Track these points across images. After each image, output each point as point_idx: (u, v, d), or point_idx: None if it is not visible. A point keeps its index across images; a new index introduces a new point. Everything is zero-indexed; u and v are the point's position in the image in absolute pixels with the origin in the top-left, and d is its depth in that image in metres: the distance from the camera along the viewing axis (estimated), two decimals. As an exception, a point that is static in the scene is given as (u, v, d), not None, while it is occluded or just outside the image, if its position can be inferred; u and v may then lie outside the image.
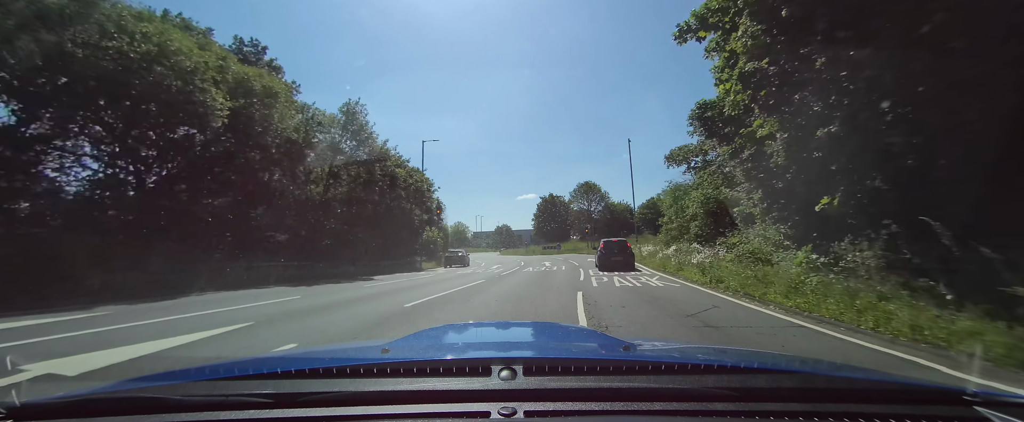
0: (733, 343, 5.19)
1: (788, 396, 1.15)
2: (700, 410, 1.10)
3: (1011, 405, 1.09)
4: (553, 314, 7.63)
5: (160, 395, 1.16)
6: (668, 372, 1.23)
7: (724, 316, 6.98)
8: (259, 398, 1.12)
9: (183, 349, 5.24)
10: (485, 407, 1.07)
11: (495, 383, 1.18)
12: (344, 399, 1.14)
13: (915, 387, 1.33)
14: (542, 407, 1.09)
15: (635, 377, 1.22)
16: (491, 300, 10.06)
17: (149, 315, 8.02)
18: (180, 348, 5.28)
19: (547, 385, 1.17)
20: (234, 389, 1.18)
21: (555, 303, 9.07)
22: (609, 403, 1.12)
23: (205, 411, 1.09)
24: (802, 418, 1.06)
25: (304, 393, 1.15)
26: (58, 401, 1.13)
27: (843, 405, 1.11)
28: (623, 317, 7.02)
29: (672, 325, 6.35)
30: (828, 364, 1.72)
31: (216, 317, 7.70)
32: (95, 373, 4.13)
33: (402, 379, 1.25)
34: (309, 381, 1.26)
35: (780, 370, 1.39)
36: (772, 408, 1.09)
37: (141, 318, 7.63)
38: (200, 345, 5.45)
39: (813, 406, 1.09)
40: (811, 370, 1.48)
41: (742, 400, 1.13)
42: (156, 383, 1.34)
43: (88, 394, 1.20)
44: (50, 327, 6.76)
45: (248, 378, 1.27)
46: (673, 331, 5.99)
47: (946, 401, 1.16)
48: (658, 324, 6.49)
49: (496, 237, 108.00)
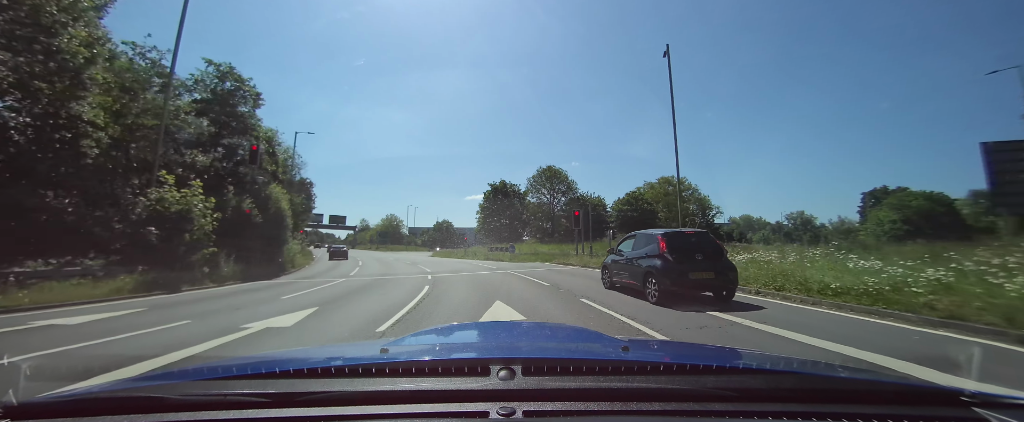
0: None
1: (787, 397, 1.15)
2: (699, 410, 1.09)
3: (1009, 406, 1.09)
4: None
5: (159, 394, 1.14)
6: (667, 372, 1.23)
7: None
8: (257, 398, 1.11)
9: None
10: (484, 407, 1.06)
11: (494, 383, 1.16)
12: (342, 399, 1.12)
13: (913, 388, 1.33)
14: (541, 407, 1.08)
15: (634, 377, 1.21)
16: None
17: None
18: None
19: (546, 385, 1.16)
20: (233, 389, 1.16)
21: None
22: (608, 403, 1.11)
23: (203, 410, 1.08)
24: (801, 419, 1.04)
25: (302, 393, 1.13)
26: (56, 400, 1.13)
27: (842, 406, 1.11)
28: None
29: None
30: (826, 365, 1.60)
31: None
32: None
33: (400, 379, 1.24)
34: (307, 381, 1.23)
35: (779, 371, 1.40)
36: (771, 409, 1.09)
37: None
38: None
39: (812, 407, 1.09)
40: (810, 371, 1.43)
41: (741, 400, 1.13)
42: (155, 382, 1.34)
43: (86, 393, 1.18)
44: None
45: (247, 378, 1.24)
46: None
47: (944, 402, 1.16)
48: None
49: (435, 234, 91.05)
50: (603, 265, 11.80)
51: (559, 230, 58.45)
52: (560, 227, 58.61)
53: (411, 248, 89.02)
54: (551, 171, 60.22)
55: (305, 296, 10.84)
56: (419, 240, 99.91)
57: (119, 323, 6.98)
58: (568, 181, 60.19)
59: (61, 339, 5.65)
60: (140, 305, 9.37)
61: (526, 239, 57.21)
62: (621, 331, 5.83)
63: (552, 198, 60.95)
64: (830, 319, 6.49)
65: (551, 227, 59.23)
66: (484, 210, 64.80)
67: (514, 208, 63.42)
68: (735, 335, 5.49)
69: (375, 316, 7.30)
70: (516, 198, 64.65)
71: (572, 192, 59.94)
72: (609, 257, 11.58)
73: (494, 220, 63.72)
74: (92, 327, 6.63)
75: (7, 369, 2.43)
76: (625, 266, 10.00)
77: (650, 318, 6.58)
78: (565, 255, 32.66)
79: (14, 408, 1.06)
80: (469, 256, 43.20)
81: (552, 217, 59.37)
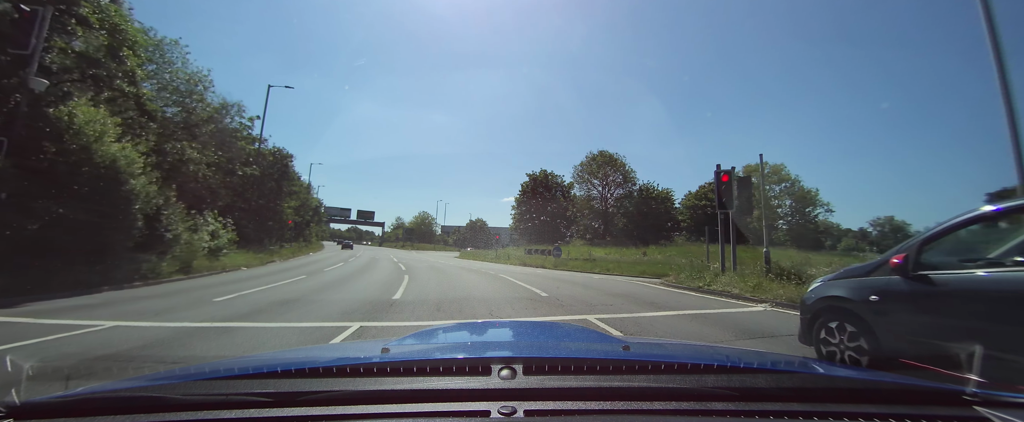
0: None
1: (788, 396, 1.14)
2: (700, 410, 1.09)
3: (1011, 405, 1.09)
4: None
5: (160, 394, 1.14)
6: (668, 371, 1.22)
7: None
8: (259, 397, 1.10)
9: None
10: (485, 406, 1.07)
11: (495, 382, 1.16)
12: (344, 398, 1.11)
13: (915, 387, 1.30)
14: (542, 406, 1.07)
15: (635, 376, 1.21)
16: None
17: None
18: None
19: (547, 384, 1.15)
20: (234, 388, 1.15)
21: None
22: (609, 402, 1.11)
23: (205, 410, 1.07)
24: (802, 418, 1.05)
25: (304, 392, 1.12)
26: (58, 400, 1.12)
27: (843, 405, 1.10)
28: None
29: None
30: (827, 364, 1.70)
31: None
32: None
33: (402, 378, 1.22)
34: (309, 380, 1.22)
35: (780, 370, 1.35)
36: (772, 408, 1.09)
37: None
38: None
39: (813, 406, 1.09)
40: (811, 370, 1.43)
41: (742, 400, 1.13)
42: (157, 382, 1.30)
43: (88, 393, 1.17)
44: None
45: (248, 377, 1.23)
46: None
47: (946, 401, 1.15)
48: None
49: (467, 233, 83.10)
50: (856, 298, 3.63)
51: (614, 230, 47.22)
52: (615, 226, 47.37)
53: (438, 247, 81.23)
54: (604, 157, 48.82)
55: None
56: (450, 239, 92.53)
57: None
58: (624, 169, 48.56)
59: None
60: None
61: (569, 240, 46.58)
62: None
63: (604, 190, 49.67)
64: None
65: (602, 226, 48.08)
66: (520, 205, 54.58)
67: (557, 203, 52.78)
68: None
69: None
70: (559, 191, 53.96)
71: (630, 183, 48.42)
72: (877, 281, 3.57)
73: (532, 217, 53.40)
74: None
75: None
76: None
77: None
78: (648, 265, 21.70)
79: (17, 408, 1.06)
80: (501, 259, 33.19)
81: (605, 215, 48.20)
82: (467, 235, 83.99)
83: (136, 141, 11.92)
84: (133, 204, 10.82)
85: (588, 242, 43.50)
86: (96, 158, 9.90)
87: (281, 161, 29.53)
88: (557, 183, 54.42)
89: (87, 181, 9.84)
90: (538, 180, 54.32)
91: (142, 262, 11.83)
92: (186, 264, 13.89)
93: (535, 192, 53.66)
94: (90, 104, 10.41)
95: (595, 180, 49.18)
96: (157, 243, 13.21)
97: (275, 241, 31.53)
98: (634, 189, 47.73)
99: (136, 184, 10.80)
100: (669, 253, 28.39)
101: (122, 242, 10.66)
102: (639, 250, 31.88)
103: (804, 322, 4.20)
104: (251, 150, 25.54)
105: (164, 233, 13.38)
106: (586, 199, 49.91)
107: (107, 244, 10.14)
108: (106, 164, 10.02)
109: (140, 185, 11.00)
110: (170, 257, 13.38)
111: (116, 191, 10.10)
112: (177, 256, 13.80)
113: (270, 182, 28.45)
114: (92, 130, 9.85)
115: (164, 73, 14.31)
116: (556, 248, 27.33)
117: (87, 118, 9.82)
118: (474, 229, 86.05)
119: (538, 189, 53.89)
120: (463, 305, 8.08)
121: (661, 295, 9.67)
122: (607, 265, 22.77)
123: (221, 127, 23.81)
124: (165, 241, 13.49)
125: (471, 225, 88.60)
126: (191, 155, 14.48)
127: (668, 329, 6.12)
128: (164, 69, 14.48)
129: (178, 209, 14.42)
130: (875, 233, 73.91)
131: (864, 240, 66.33)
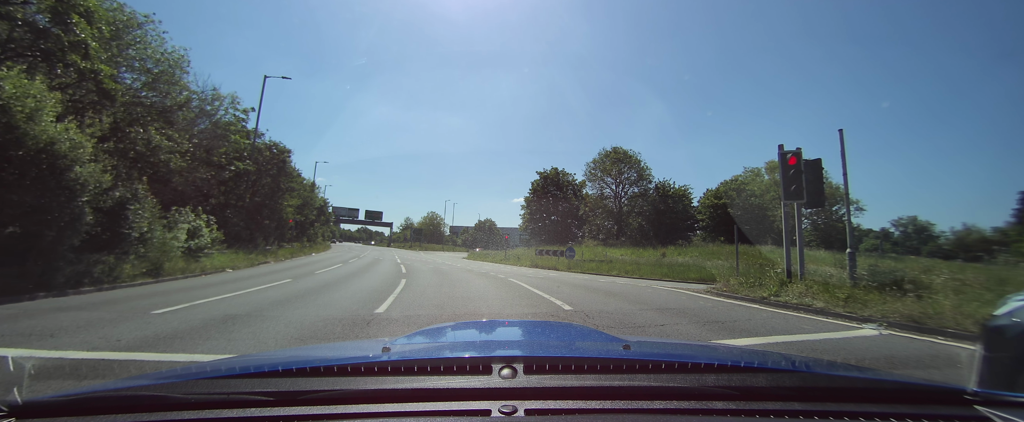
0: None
1: (788, 395, 1.13)
2: (700, 409, 1.08)
3: (1012, 404, 1.07)
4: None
5: (162, 393, 1.13)
6: (668, 371, 1.21)
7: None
8: (261, 396, 1.09)
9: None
10: (486, 405, 1.05)
11: (496, 381, 1.15)
12: (345, 397, 1.10)
13: (916, 386, 1.30)
14: (543, 405, 1.06)
15: (635, 376, 1.20)
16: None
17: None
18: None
19: (547, 383, 1.14)
20: (235, 387, 1.14)
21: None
22: (610, 402, 1.10)
23: (207, 409, 1.06)
24: (802, 417, 1.03)
25: (305, 391, 1.12)
26: (60, 399, 1.10)
27: (843, 404, 1.08)
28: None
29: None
30: (828, 363, 1.65)
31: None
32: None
33: (403, 377, 1.21)
34: (310, 379, 1.21)
35: (780, 369, 1.36)
36: (772, 407, 1.07)
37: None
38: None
39: (813, 405, 1.07)
40: (811, 369, 1.41)
41: (742, 399, 1.12)
42: (159, 381, 1.28)
43: (90, 392, 1.16)
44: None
45: (249, 376, 1.22)
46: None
47: (947, 401, 1.14)
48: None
49: (476, 234, 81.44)
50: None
51: (628, 230, 44.98)
52: (630, 226, 45.13)
53: (447, 248, 79.66)
54: (618, 154, 46.48)
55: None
56: (459, 240, 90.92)
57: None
58: (640, 166, 46.19)
59: None
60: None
61: (581, 240, 44.43)
62: None
63: (618, 188, 47.37)
64: None
65: (616, 227, 45.88)
66: (530, 205, 52.55)
67: (569, 202, 50.66)
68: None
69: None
70: (571, 189, 51.83)
71: (645, 181, 46.09)
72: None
73: (543, 217, 51.34)
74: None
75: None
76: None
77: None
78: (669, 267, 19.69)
79: (19, 407, 1.04)
80: (510, 261, 31.36)
81: (618, 215, 46.00)
82: (476, 236, 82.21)
83: (88, 123, 10.28)
84: (79, 196, 9.14)
85: (601, 242, 41.34)
86: (28, 140, 8.23)
87: (278, 156, 27.96)
88: (569, 181, 52.29)
89: (16, 167, 8.18)
90: (549, 178, 52.24)
91: (94, 264, 10.16)
92: (156, 266, 12.24)
93: (546, 191, 51.59)
94: (25, 76, 8.73)
95: (608, 178, 46.90)
96: (119, 242, 11.56)
97: (273, 241, 30.05)
98: (650, 187, 45.38)
99: (82, 172, 9.11)
100: (691, 254, 26.28)
101: (63, 240, 8.98)
102: (656, 251, 29.74)
103: (997, 362, 2.59)
104: (245, 144, 24.00)
105: (127, 231, 11.71)
106: (599, 198, 47.69)
107: (40, 242, 8.47)
108: (40, 147, 8.35)
109: (88, 173, 9.32)
110: (134, 258, 11.72)
111: (53, 179, 8.41)
112: (144, 256, 12.14)
113: (266, 178, 26.91)
114: (21, 106, 8.18)
115: (128, 49, 12.64)
116: (569, 249, 25.37)
117: (16, 92, 8.16)
118: (483, 230, 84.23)
119: (549, 187, 51.79)
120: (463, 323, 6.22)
121: (722, 309, 7.69)
122: (626, 267, 20.78)
123: (215, 120, 22.31)
124: (129, 240, 11.82)
125: (480, 226, 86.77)
126: (159, 142, 12.79)
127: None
128: (131, 46, 12.82)
129: (148, 204, 12.76)
130: (898, 233, 70.77)
131: (887, 240, 63.32)
